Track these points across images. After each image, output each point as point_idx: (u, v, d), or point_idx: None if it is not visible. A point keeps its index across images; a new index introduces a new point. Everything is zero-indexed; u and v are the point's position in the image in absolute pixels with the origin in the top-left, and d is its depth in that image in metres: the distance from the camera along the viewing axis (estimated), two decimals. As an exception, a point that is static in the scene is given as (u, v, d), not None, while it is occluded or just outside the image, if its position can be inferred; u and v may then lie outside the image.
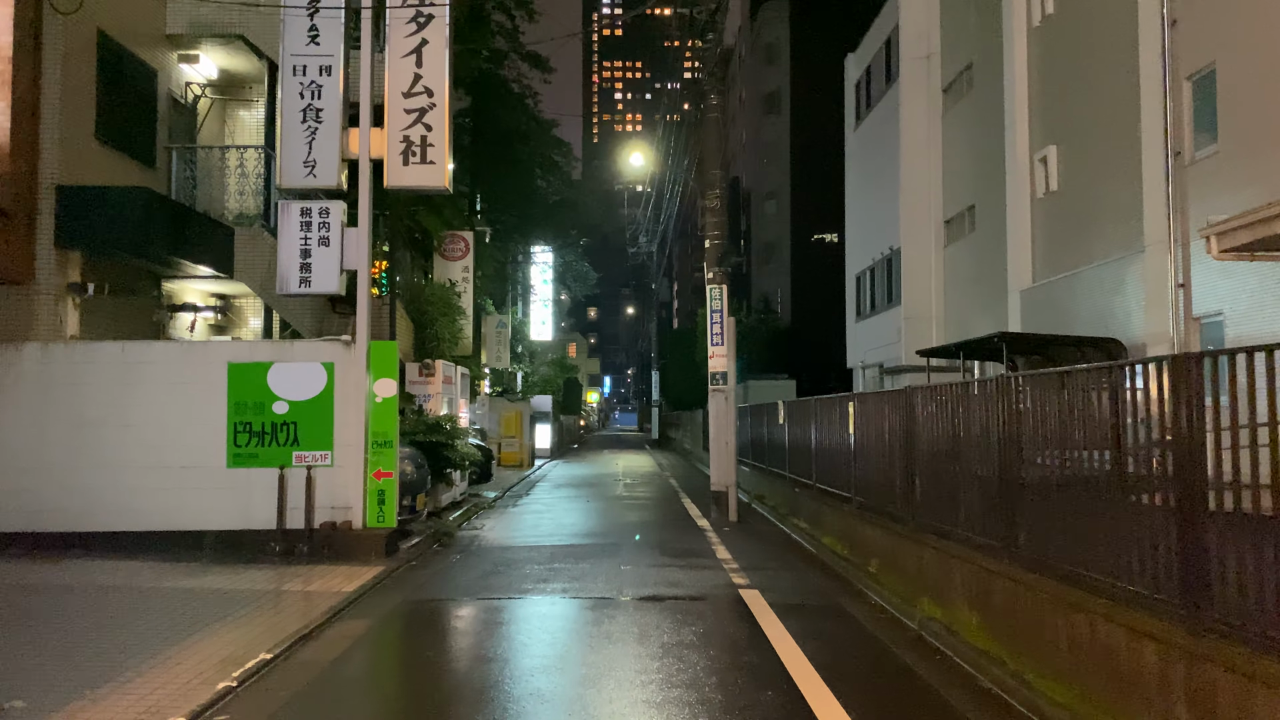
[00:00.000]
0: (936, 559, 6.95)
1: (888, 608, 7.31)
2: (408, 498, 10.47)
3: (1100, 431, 4.83)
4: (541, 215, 26.00)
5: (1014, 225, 20.59)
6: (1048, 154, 18.71)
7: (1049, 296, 18.69)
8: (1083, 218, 17.14)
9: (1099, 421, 4.85)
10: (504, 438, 24.79)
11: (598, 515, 13.56)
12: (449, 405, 13.31)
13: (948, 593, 6.63)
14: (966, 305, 24.45)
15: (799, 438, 12.57)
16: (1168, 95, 13.78)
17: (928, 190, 26.29)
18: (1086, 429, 4.97)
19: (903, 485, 7.99)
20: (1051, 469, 5.41)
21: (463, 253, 14.27)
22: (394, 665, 6.19)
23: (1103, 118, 15.90)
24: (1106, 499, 4.76)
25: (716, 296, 12.70)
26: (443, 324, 13.42)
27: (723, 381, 12.67)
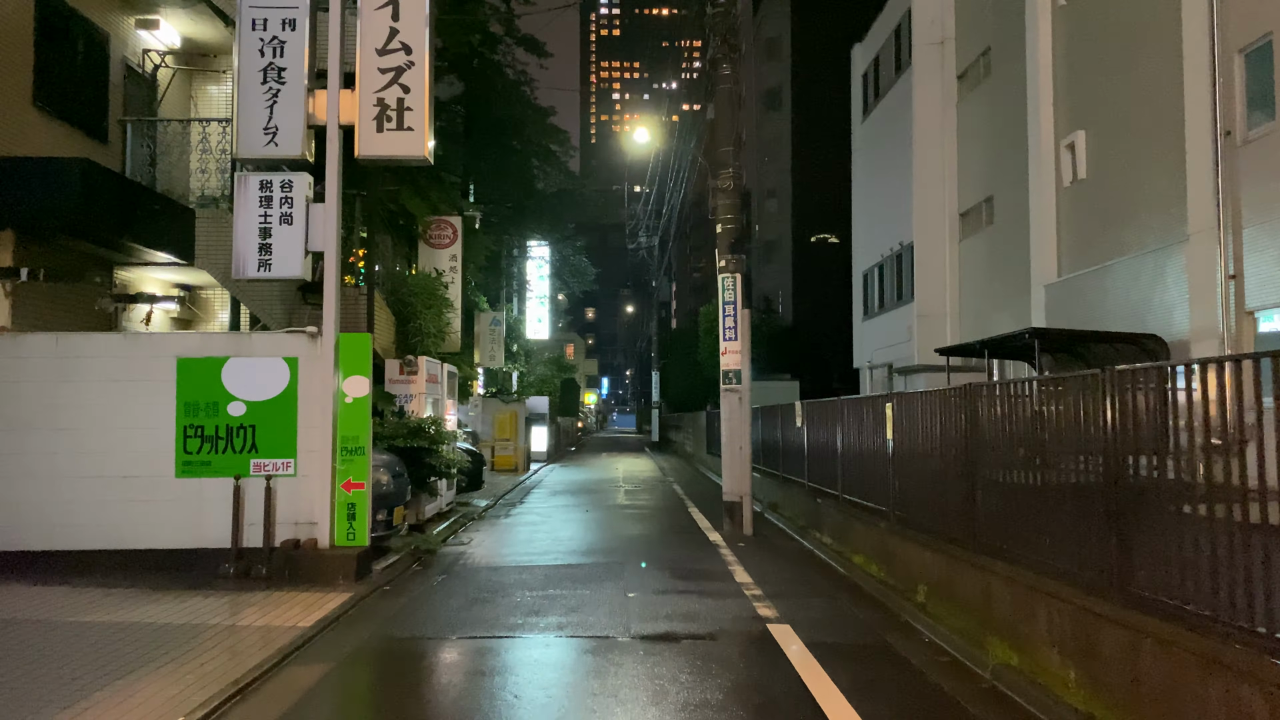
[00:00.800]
0: (1009, 591, 5.74)
1: (947, 648, 6.10)
2: (383, 511, 9.25)
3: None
4: (538, 207, 24.77)
5: (1037, 216, 19.53)
6: (1075, 140, 17.57)
7: (1077, 291, 17.55)
8: (1114, 207, 16.05)
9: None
10: (498, 441, 23.59)
11: (598, 528, 12.34)
12: (434, 406, 12.08)
13: (1028, 635, 5.42)
14: (983, 301, 23.36)
15: (821, 442, 11.37)
16: (1216, 71, 12.68)
17: (942, 182, 25.31)
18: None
19: (960, 499, 6.78)
20: (1183, 483, 4.21)
21: (450, 240, 13.08)
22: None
23: (1138, 99, 14.81)
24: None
25: (729, 287, 11.49)
26: (427, 317, 12.19)
27: (736, 381, 11.46)
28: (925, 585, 7.27)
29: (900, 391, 8.94)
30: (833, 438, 10.71)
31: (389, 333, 12.11)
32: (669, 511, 14.27)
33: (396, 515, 9.46)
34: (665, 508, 14.87)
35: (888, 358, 27.98)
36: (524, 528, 12.34)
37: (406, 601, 7.64)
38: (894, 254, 27.43)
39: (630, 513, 14.09)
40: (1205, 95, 12.88)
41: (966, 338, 23.82)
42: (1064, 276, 18.49)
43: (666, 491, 17.96)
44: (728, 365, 11.53)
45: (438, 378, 12.22)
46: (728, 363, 11.52)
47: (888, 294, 28.54)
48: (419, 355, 11.59)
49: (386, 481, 9.37)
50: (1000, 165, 21.91)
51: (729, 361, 11.50)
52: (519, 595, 7.76)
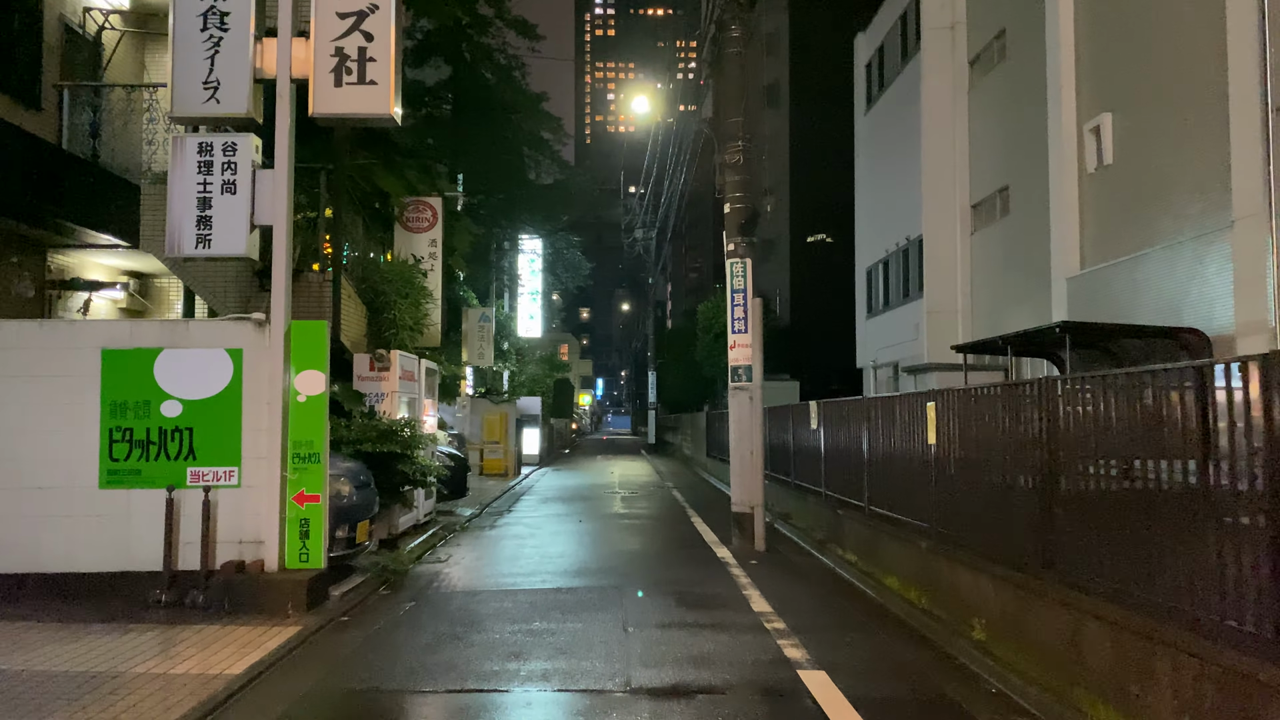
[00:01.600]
0: (1111, 639, 4.54)
1: (1024, 703, 4.90)
2: (344, 527, 8.01)
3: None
4: (529, 197, 23.53)
5: (1058, 206, 18.45)
6: (1100, 123, 16.46)
7: (1103, 284, 16.41)
8: (1145, 193, 14.96)
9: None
10: (486, 443, 22.36)
11: (592, 541, 11.12)
12: (409, 407, 10.86)
13: (1145, 701, 4.22)
14: (998, 296, 22.28)
15: (842, 447, 10.18)
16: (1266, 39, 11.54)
17: (952, 172, 24.27)
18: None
19: (1031, 517, 5.58)
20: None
21: (429, 223, 11.86)
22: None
23: (1171, 75, 13.72)
24: None
25: (739, 273, 10.28)
26: (403, 308, 10.97)
27: (747, 378, 10.25)
28: (982, 620, 6.07)
29: (944, 388, 7.80)
30: (857, 442, 9.52)
31: (360, 325, 10.88)
32: (670, 522, 13.06)
33: (360, 531, 8.23)
34: (666, 517, 13.66)
35: (893, 357, 26.95)
36: (510, 541, 11.12)
37: (364, 638, 6.40)
38: (900, 249, 26.41)
39: (628, 523, 12.87)
40: (1252, 67, 11.74)
41: (979, 334, 22.76)
42: (1088, 269, 17.41)
43: (666, 498, 16.74)
44: (737, 360, 10.32)
45: (414, 375, 10.99)
46: (737, 357, 10.31)
47: (893, 291, 27.51)
48: (393, 350, 10.35)
49: (348, 492, 8.14)
50: (1016, 153, 20.90)
51: (738, 356, 10.29)
52: (498, 630, 6.54)
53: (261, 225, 7.50)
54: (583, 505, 15.43)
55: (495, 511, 14.57)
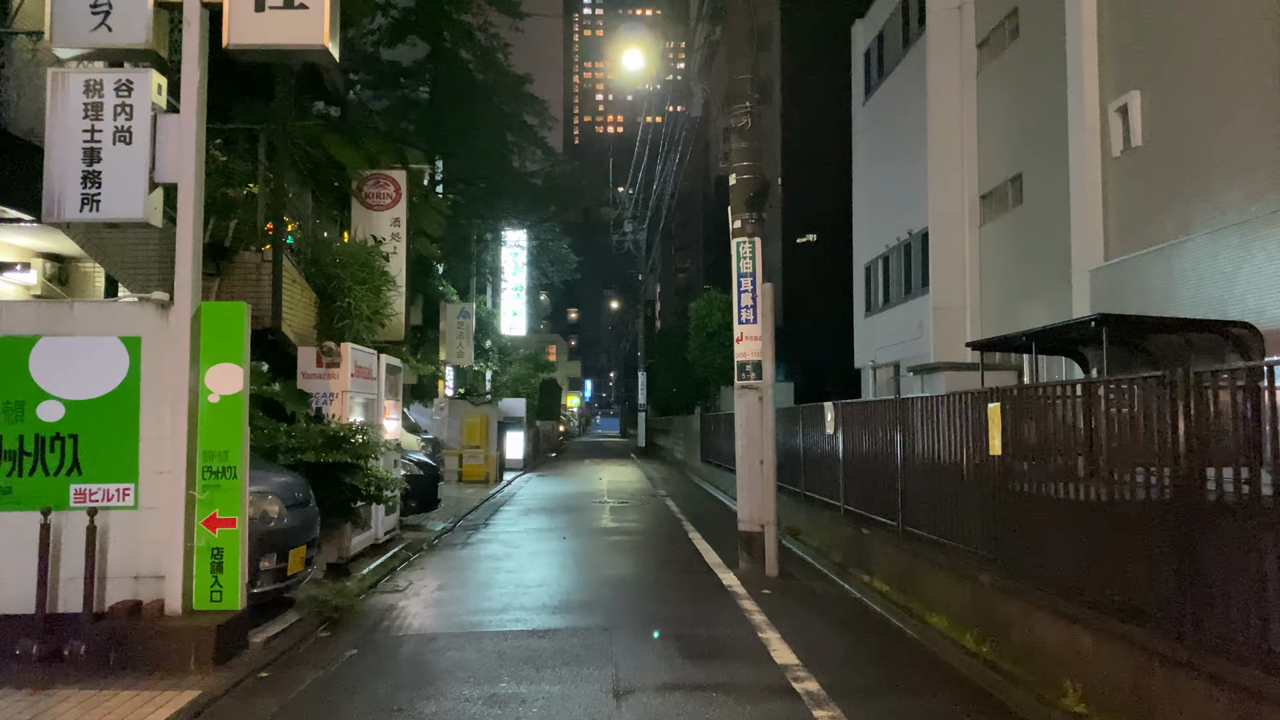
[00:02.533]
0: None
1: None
2: (272, 556, 6.55)
3: None
4: (512, 185, 22.08)
5: (1079, 193, 17.22)
6: (1127, 102, 15.23)
7: (1131, 275, 15.16)
8: (1180, 176, 13.76)
9: None
10: (466, 448, 20.88)
11: (576, 564, 9.67)
12: (365, 409, 9.40)
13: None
14: (1010, 291, 21.07)
15: (866, 455, 8.80)
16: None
17: (960, 161, 23.07)
18: None
19: (1156, 554, 4.19)
20: None
21: (392, 200, 10.41)
22: None
23: (1211, 49, 12.54)
24: None
25: (747, 254, 8.87)
26: (359, 295, 9.51)
27: (756, 375, 8.84)
28: (1079, 685, 4.67)
29: (1022, 384, 6.45)
30: (887, 450, 8.13)
31: (308, 314, 9.41)
32: (666, 539, 11.62)
33: (294, 560, 6.76)
34: (660, 533, 12.22)
35: (894, 356, 25.74)
36: (483, 564, 9.66)
37: (279, 708, 4.94)
38: (901, 244, 25.18)
39: (618, 541, 11.43)
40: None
41: (989, 331, 21.64)
42: (1113, 260, 16.17)
43: (659, 508, 15.30)
44: (744, 355, 8.90)
45: (371, 372, 9.52)
46: (744, 351, 8.90)
47: (894, 287, 26.29)
48: (344, 343, 8.89)
49: (278, 513, 6.67)
50: (1030, 139, 19.72)
51: (746, 350, 8.88)
52: (454, 694, 5.08)
53: (165, 183, 6.04)
54: (568, 518, 13.98)
55: (470, 525, 13.10)
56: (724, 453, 19.45)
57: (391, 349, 10.72)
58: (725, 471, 18.94)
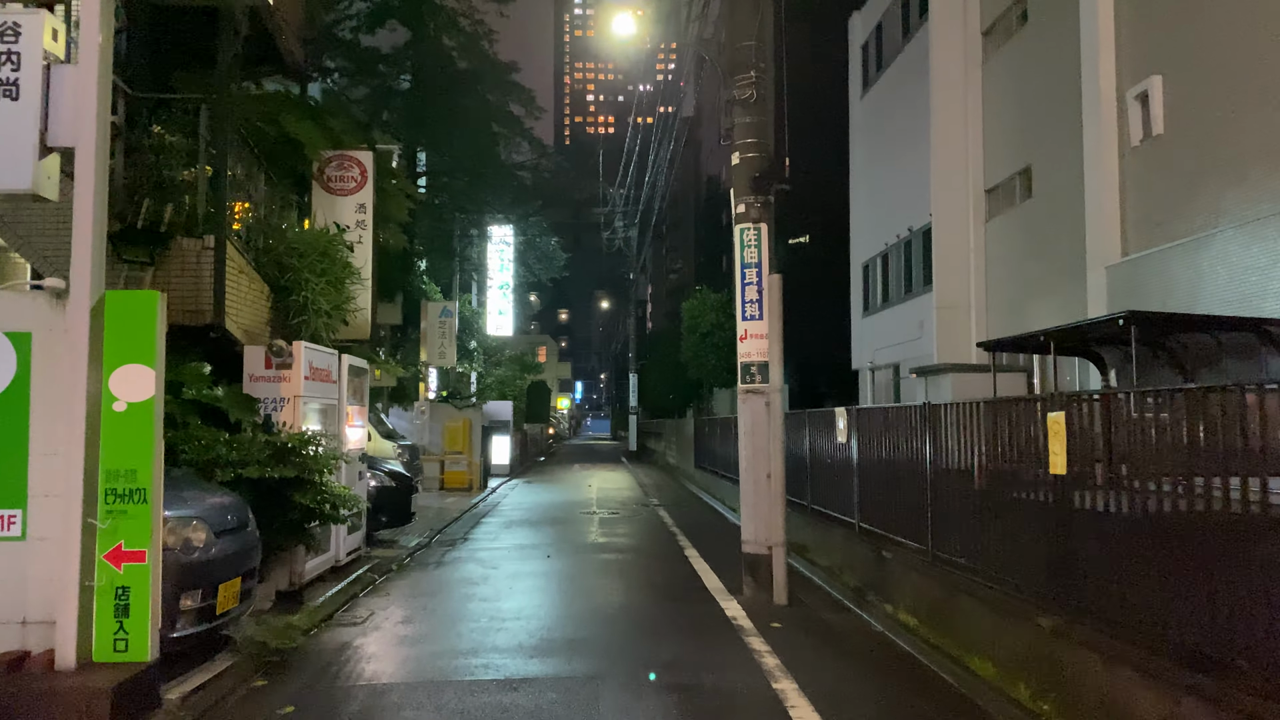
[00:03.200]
0: None
1: None
2: (195, 593, 5.51)
3: None
4: (497, 178, 21.05)
5: (1095, 185, 16.36)
6: (1148, 88, 14.36)
7: (1153, 271, 14.29)
8: (1207, 165, 12.94)
9: None
10: (448, 454, 19.84)
11: (560, 590, 8.66)
12: (322, 416, 8.37)
13: None
14: (1018, 289, 20.21)
15: (886, 468, 7.83)
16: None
17: (965, 154, 22.21)
18: None
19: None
20: None
21: (357, 183, 9.38)
22: None
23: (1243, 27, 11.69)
24: None
25: (751, 241, 7.89)
26: (318, 288, 8.48)
27: (762, 378, 7.85)
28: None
29: (1082, 392, 5.47)
30: (912, 463, 7.15)
31: (258, 309, 8.38)
32: (660, 557, 10.60)
33: (225, 595, 5.72)
34: (654, 550, 11.20)
35: (894, 358, 24.88)
36: (456, 589, 8.63)
37: (177, 798, 3.92)
38: (902, 241, 24.31)
39: (608, 559, 10.41)
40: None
41: (995, 331, 20.78)
42: (1133, 255, 15.30)
43: (652, 521, 14.29)
44: (749, 356, 7.91)
45: (330, 374, 8.49)
46: (749, 351, 7.91)
47: (893, 286, 25.44)
48: (298, 341, 7.85)
49: (205, 541, 5.63)
50: (1040, 130, 18.88)
51: (751, 350, 7.89)
52: (400, 778, 4.08)
53: (59, 147, 5.01)
54: (554, 531, 12.96)
55: (448, 540, 12.08)
56: (720, 459, 18.49)
57: (356, 349, 9.69)
58: (721, 479, 17.97)
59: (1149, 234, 14.71)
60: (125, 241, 7.29)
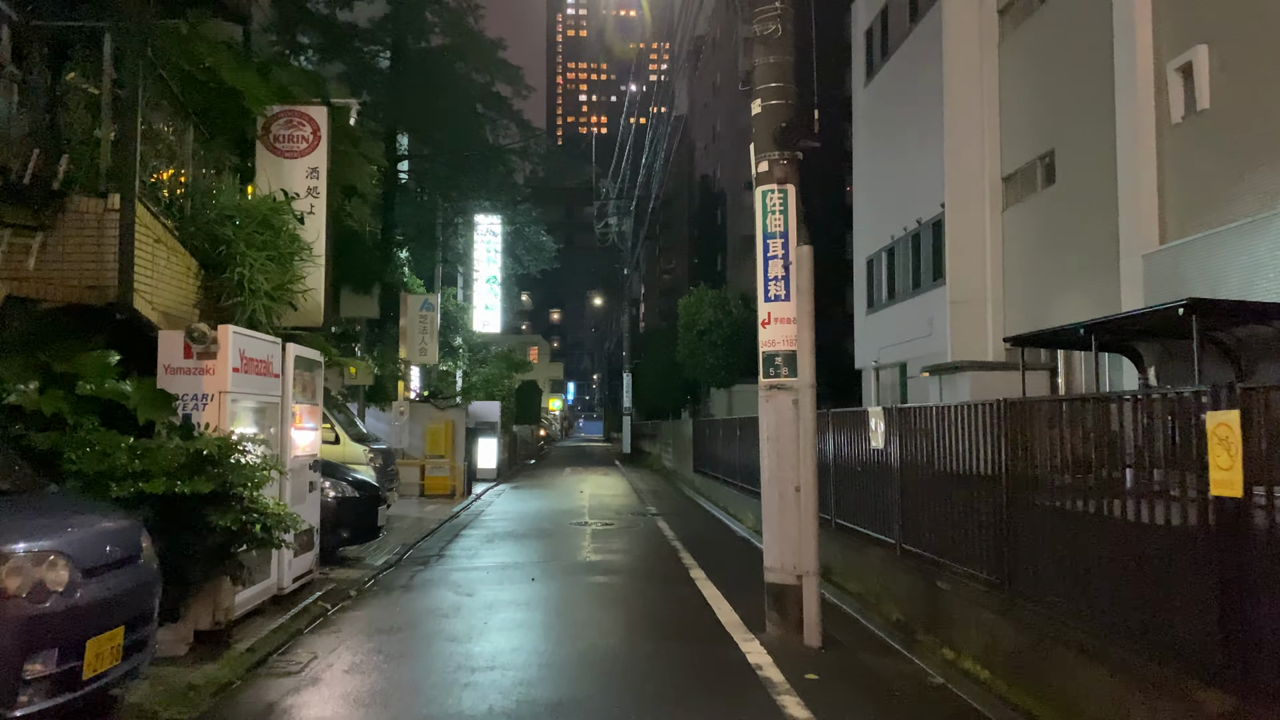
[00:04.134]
0: None
1: None
2: (46, 655, 4.09)
3: None
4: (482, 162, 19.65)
5: (1130, 167, 15.09)
6: (1192, 59, 13.13)
7: (1196, 259, 13.07)
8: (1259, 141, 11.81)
9: None
10: (429, 458, 18.43)
11: (545, 627, 7.25)
12: (260, 416, 6.96)
13: None
14: (1039, 281, 18.96)
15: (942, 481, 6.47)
16: None
17: (980, 140, 20.97)
18: None
19: None
20: None
21: (308, 144, 7.98)
22: None
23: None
24: None
25: (776, 206, 6.53)
26: (256, 264, 7.08)
27: (789, 371, 6.48)
28: None
29: (1262, 385, 4.20)
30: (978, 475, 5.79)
31: (184, 286, 6.96)
32: (662, 580, 9.20)
33: (95, 654, 4.31)
34: (655, 571, 9.79)
35: (900, 356, 23.61)
36: (422, 625, 7.22)
37: None
38: (909, 234, 23.05)
39: (602, 584, 9.00)
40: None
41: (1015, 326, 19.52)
42: (1174, 242, 14.03)
43: (650, 533, 12.89)
44: (773, 344, 6.54)
45: (270, 366, 7.07)
46: (773, 339, 6.54)
47: (900, 282, 24.18)
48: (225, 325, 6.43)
49: (64, 583, 4.20)
50: (1064, 111, 17.67)
51: (775, 337, 6.52)
52: None
53: None
54: (541, 546, 11.57)
55: (421, 557, 10.67)
56: (723, 464, 17.15)
57: (308, 339, 8.28)
58: (724, 485, 16.64)
59: (1192, 219, 13.50)
60: (6, 200, 5.88)
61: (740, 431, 15.20)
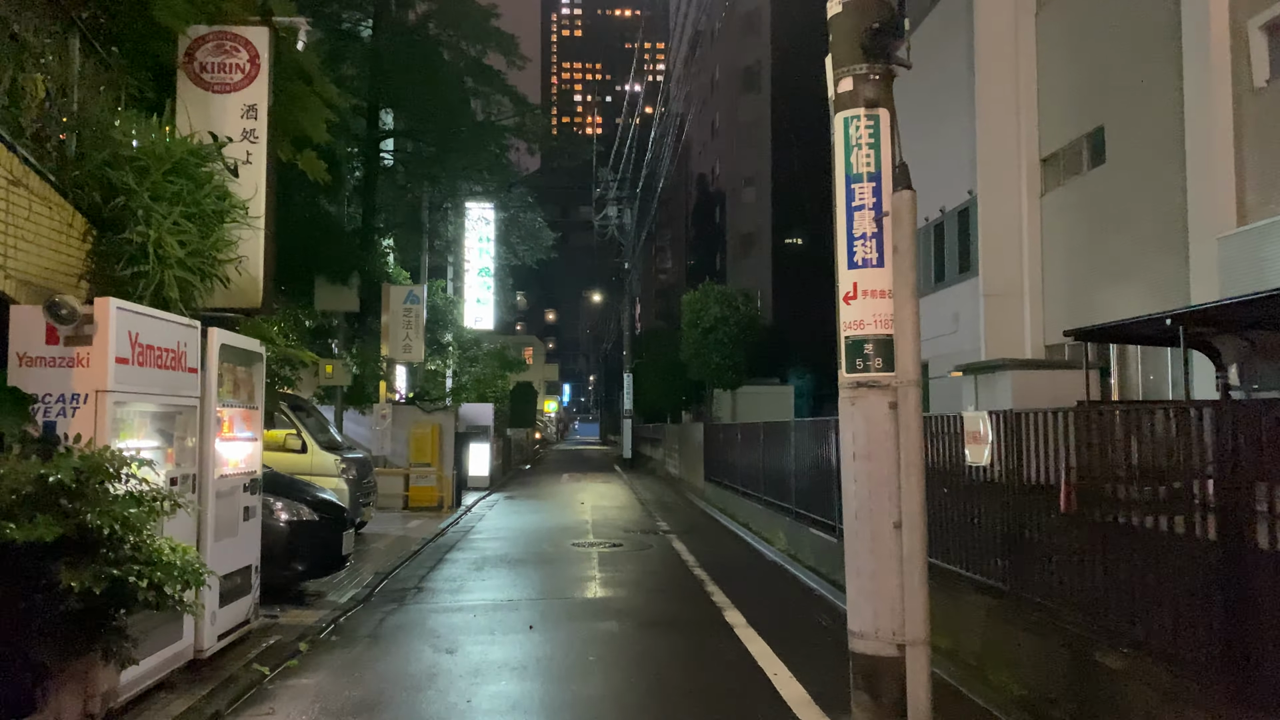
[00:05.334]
0: None
1: None
2: None
3: None
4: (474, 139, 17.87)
5: (1201, 140, 13.47)
6: (1278, 14, 11.37)
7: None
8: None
9: None
10: (414, 467, 16.63)
11: (548, 706, 5.46)
12: (163, 424, 5.19)
13: None
14: (1085, 271, 17.36)
15: (1092, 514, 4.71)
16: None
17: (1016, 119, 19.38)
18: None
19: None
20: None
21: (244, 75, 6.22)
22: None
23: None
24: None
25: (865, 138, 4.78)
26: (167, 223, 5.30)
27: (883, 362, 4.71)
28: None
29: None
30: (1184, 513, 4.05)
31: (61, 250, 5.16)
32: (692, 628, 7.39)
33: None
34: (680, 615, 7.97)
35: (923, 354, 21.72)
36: (384, 704, 5.43)
37: None
38: (931, 224, 21.44)
39: (617, 636, 7.18)
40: None
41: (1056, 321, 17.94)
42: (1256, 223, 12.37)
43: (667, 558, 11.09)
44: (861, 325, 4.77)
45: (183, 357, 5.28)
46: (861, 318, 4.77)
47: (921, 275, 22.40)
48: (108, 298, 4.63)
49: None
50: (1116, 82, 16.06)
51: (864, 315, 4.76)
52: None
53: None
54: (539, 577, 9.76)
55: (396, 591, 8.87)
56: (741, 473, 15.40)
57: (245, 325, 6.49)
58: (743, 497, 14.88)
59: (1279, 196, 11.86)
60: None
61: (765, 437, 13.46)
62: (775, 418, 18.95)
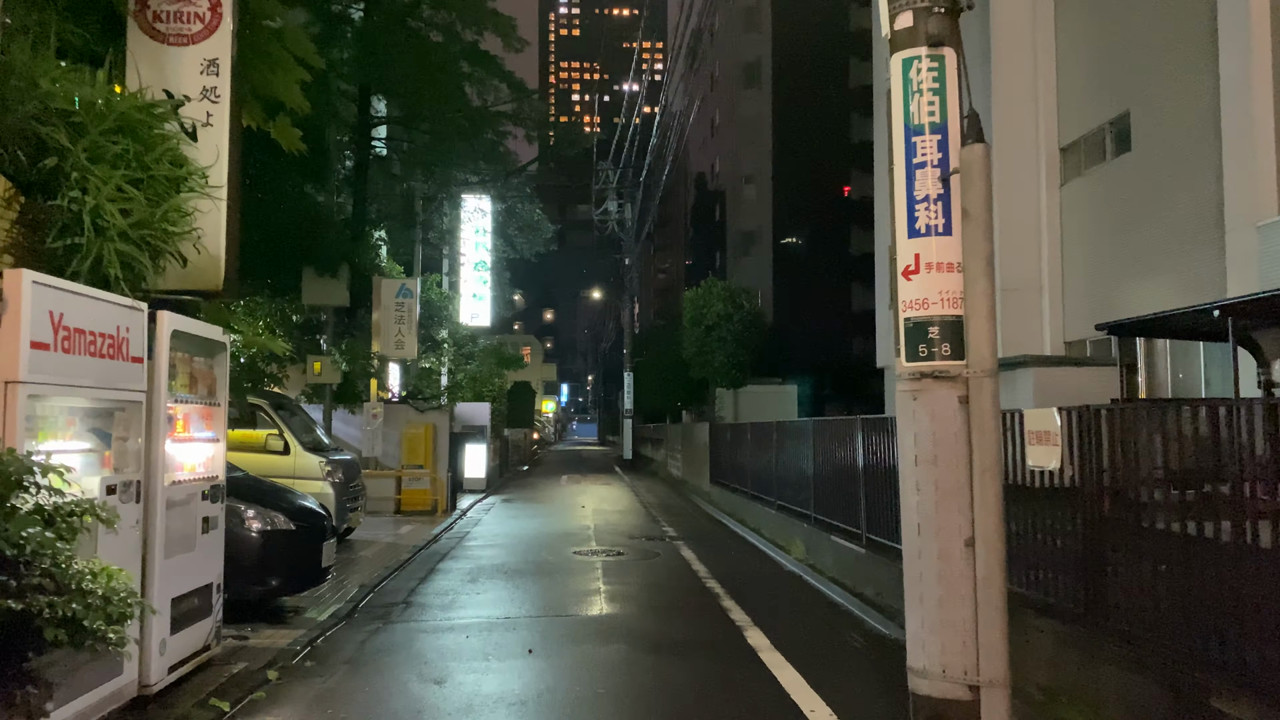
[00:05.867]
0: None
1: None
2: None
3: None
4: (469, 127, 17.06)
5: (1238, 123, 12.81)
6: (1330, -16, 10.60)
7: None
8: None
9: None
10: (406, 469, 15.87)
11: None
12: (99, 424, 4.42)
13: None
14: (1108, 264, 16.65)
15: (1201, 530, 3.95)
16: None
17: (1034, 106, 18.71)
18: None
19: None
20: None
21: (203, 26, 5.44)
22: None
23: None
24: None
25: (928, 81, 4.02)
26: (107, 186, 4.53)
27: (950, 349, 3.96)
28: None
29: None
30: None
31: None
32: (711, 650, 6.61)
33: None
34: (698, 636, 7.18)
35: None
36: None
37: None
38: (941, 216, 20.41)
39: (627, 663, 6.40)
40: None
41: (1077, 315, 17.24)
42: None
43: (675, 568, 10.31)
44: (923, 304, 4.01)
45: (124, 345, 4.50)
46: (922, 296, 4.01)
47: (932, 269, 21.58)
48: (23, 270, 3.86)
49: None
50: (1143, 65, 15.41)
51: (926, 293, 4.00)
52: None
53: None
54: (538, 590, 8.98)
55: (382, 606, 8.08)
56: (752, 476, 14.63)
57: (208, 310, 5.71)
58: (754, 501, 14.11)
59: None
60: None
61: (779, 438, 12.69)
62: (778, 417, 18.21)
